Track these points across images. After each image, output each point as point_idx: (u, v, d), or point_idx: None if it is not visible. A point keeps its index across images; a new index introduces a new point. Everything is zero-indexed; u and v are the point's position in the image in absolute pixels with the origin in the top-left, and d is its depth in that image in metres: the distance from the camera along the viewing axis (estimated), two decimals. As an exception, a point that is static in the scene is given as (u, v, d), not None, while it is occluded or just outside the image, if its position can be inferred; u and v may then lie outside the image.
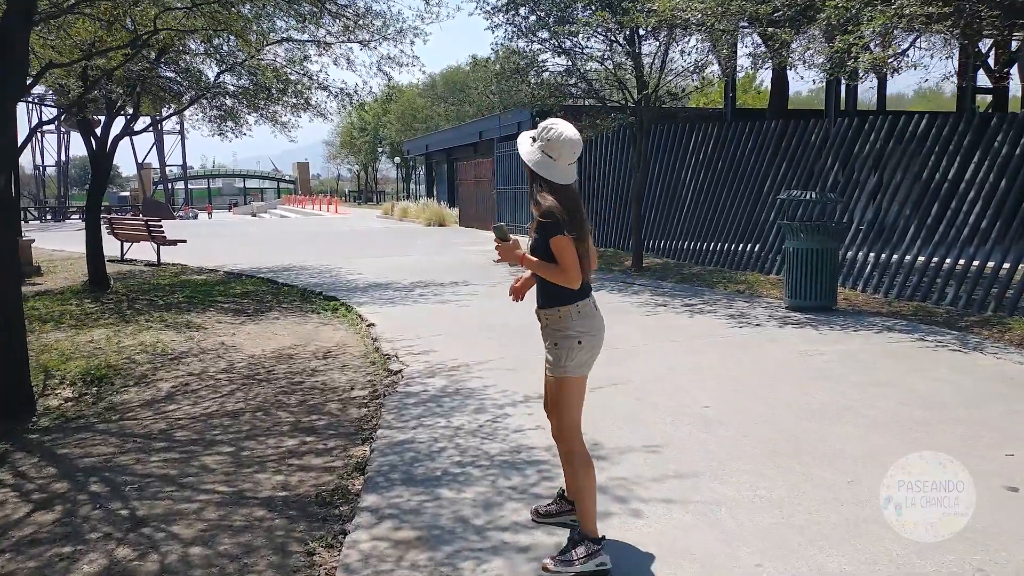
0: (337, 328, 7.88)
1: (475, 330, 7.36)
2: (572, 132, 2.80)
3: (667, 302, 8.85)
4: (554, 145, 2.78)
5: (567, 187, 2.81)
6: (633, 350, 6.37)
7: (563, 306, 2.84)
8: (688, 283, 10.59)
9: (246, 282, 11.52)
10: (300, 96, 11.29)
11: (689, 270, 11.88)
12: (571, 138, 2.78)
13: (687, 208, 13.26)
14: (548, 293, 2.87)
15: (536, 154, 2.80)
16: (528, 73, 12.13)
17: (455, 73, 56.10)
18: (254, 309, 9.03)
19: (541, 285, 2.92)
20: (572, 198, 2.81)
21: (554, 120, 2.84)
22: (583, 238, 2.77)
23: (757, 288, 9.85)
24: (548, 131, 2.79)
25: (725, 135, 12.67)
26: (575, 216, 2.76)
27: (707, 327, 7.31)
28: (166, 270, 13.19)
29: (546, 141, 2.79)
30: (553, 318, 2.87)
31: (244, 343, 7.11)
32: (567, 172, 2.81)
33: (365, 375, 5.90)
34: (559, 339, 2.86)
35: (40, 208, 49.46)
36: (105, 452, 4.30)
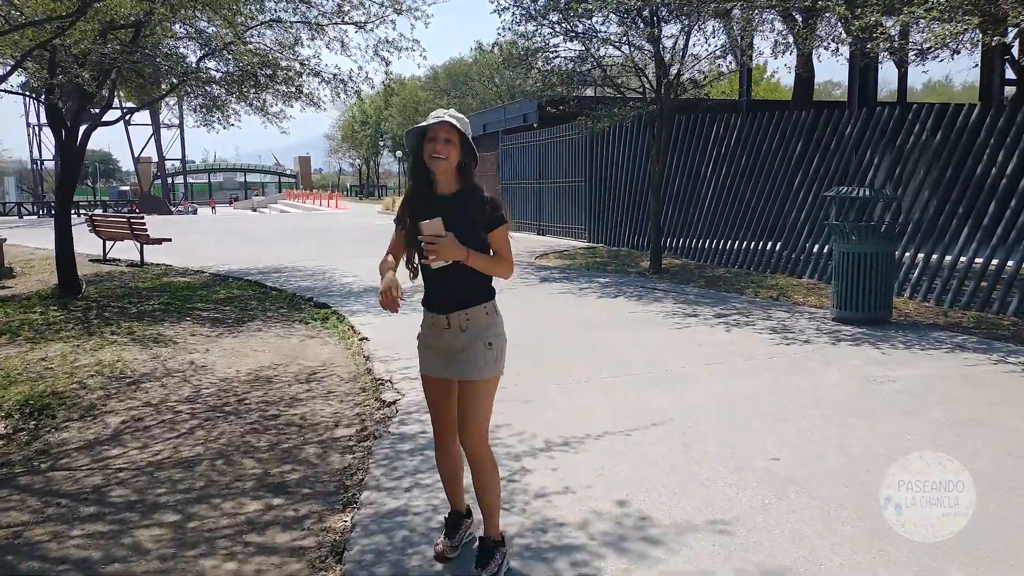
0: (326, 342, 6.97)
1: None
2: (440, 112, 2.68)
3: (696, 311, 7.92)
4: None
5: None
6: (669, 376, 5.45)
7: (489, 302, 2.71)
8: (714, 288, 9.66)
9: (232, 285, 10.60)
10: (290, 83, 10.35)
11: (712, 272, 10.95)
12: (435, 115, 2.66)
13: (707, 205, 12.33)
14: (477, 289, 2.68)
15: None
16: (537, 59, 11.18)
17: (458, 65, 55.10)
18: (235, 318, 8.12)
19: (463, 282, 2.65)
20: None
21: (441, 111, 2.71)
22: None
23: (791, 294, 8.92)
24: (445, 111, 2.67)
25: (749, 126, 11.71)
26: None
27: (749, 344, 6.38)
28: (148, 272, 12.29)
29: (465, 124, 2.67)
30: (478, 316, 2.68)
31: (217, 362, 6.19)
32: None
33: (353, 406, 4.98)
34: (492, 338, 2.69)
35: (38, 203, 48.49)
36: (18, 521, 3.39)
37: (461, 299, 2.66)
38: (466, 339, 2.65)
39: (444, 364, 2.71)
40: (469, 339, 2.65)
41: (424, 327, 2.80)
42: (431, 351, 2.76)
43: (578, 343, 6.49)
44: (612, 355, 6.02)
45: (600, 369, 5.58)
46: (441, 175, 2.64)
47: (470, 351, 2.64)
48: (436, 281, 2.68)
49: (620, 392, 5.00)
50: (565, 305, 8.47)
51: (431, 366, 2.77)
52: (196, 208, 56.00)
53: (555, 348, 6.31)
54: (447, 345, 2.69)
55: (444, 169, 2.61)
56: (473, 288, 2.67)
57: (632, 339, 6.62)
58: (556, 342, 6.51)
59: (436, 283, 2.69)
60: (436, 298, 2.71)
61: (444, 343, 2.70)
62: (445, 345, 2.70)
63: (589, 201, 15.84)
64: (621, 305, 8.44)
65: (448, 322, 2.67)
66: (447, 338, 2.68)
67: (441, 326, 2.69)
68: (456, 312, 2.66)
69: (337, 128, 73.65)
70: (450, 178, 2.65)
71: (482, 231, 2.61)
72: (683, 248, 12.64)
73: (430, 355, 2.77)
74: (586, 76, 11.48)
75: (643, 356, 5.99)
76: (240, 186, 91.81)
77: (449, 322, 2.67)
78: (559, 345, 6.43)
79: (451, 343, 2.67)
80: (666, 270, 11.20)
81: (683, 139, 12.75)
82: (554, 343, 6.46)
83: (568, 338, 6.71)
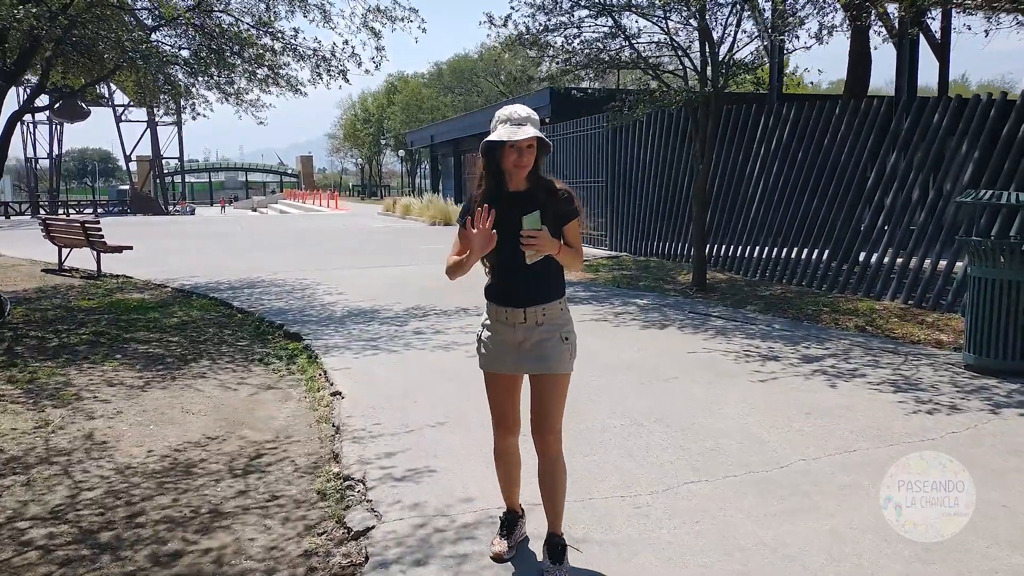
0: (287, 398, 5.18)
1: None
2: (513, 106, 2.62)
3: (774, 350, 6.11)
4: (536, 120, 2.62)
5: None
6: (789, 482, 3.61)
7: (563, 298, 2.72)
8: (777, 312, 7.84)
9: (193, 305, 8.82)
10: (260, 62, 8.55)
11: (767, 290, 9.13)
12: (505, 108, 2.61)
13: (754, 208, 10.52)
14: (556, 284, 2.70)
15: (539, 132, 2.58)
16: (558, 35, 9.38)
17: (463, 61, 53.31)
18: (179, 355, 6.33)
19: (544, 277, 2.66)
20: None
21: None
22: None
23: (881, 323, 7.10)
24: (518, 112, 2.58)
25: (807, 118, 9.90)
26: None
27: (872, 410, 4.57)
28: (102, 286, 10.51)
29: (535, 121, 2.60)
30: (554, 311, 2.68)
31: (126, 434, 4.40)
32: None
33: (302, 531, 3.19)
34: (567, 333, 2.70)
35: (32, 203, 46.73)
36: None
37: (542, 294, 2.66)
38: (542, 333, 2.66)
39: (516, 360, 2.70)
40: (546, 333, 2.66)
41: (494, 323, 2.73)
42: (503, 347, 2.71)
43: (632, 409, 4.66)
44: (687, 434, 4.19)
45: (679, 466, 3.74)
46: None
47: (548, 345, 2.66)
48: (520, 276, 2.64)
49: (732, 526, 3.17)
50: (601, 339, 6.65)
51: (502, 363, 2.73)
52: (194, 208, 54.25)
53: (600, 421, 4.50)
54: (521, 339, 2.68)
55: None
56: (553, 283, 2.69)
57: (706, 400, 4.79)
58: (598, 407, 4.69)
59: (519, 278, 2.65)
60: (518, 293, 2.66)
61: (518, 338, 2.68)
62: (519, 340, 2.68)
63: (611, 204, 14.02)
64: (674, 339, 6.62)
65: (525, 317, 2.65)
66: (522, 333, 2.67)
67: (516, 321, 2.67)
68: (534, 307, 2.65)
69: (339, 127, 71.95)
70: (523, 175, 2.63)
71: (560, 223, 2.62)
72: (726, 258, 10.83)
73: (501, 352, 2.72)
74: (617, 57, 9.66)
75: (732, 434, 4.18)
76: (242, 185, 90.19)
77: (526, 317, 2.65)
78: (605, 413, 4.61)
79: (526, 338, 2.67)
80: (711, 287, 9.39)
81: (724, 133, 10.95)
82: (596, 410, 4.64)
83: (615, 398, 4.89)
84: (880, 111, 9.07)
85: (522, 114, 2.55)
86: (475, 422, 4.33)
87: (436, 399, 4.90)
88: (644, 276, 10.62)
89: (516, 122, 2.53)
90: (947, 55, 15.53)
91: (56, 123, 53.52)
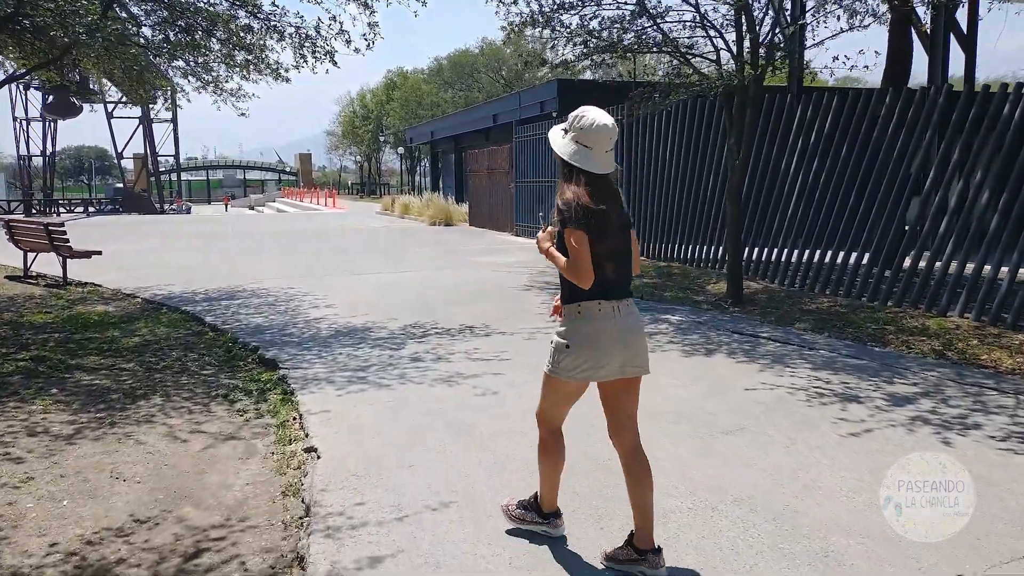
0: (249, 452, 4.09)
1: (527, 472, 3.54)
2: (606, 118, 2.65)
3: (850, 386, 5.01)
4: (588, 134, 2.64)
5: (602, 178, 2.67)
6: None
7: (568, 304, 2.73)
8: (832, 330, 6.75)
9: (161, 320, 7.74)
10: (238, 42, 7.46)
11: (813, 303, 8.05)
12: (605, 124, 2.64)
13: (791, 209, 9.44)
14: (567, 289, 2.74)
15: (571, 145, 2.67)
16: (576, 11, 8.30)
17: (463, 56, 52.18)
18: (128, 389, 5.25)
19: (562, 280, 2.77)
20: (604, 189, 2.66)
21: (585, 108, 2.68)
22: (601, 236, 2.61)
23: (963, 347, 6.01)
24: (580, 119, 2.65)
25: (850, 110, 8.83)
26: (590, 209, 2.59)
27: (1016, 484, 3.48)
28: (63, 296, 9.42)
29: (579, 130, 2.65)
30: (566, 317, 2.74)
31: (30, 514, 3.32)
32: (604, 161, 2.66)
33: None
34: (554, 337, 2.75)
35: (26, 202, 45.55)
36: None
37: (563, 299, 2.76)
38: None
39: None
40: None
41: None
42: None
43: (696, 481, 3.55)
44: (781, 526, 3.08)
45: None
46: None
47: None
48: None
49: None
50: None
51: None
52: (189, 207, 53.05)
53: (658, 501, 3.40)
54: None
55: None
56: (564, 289, 2.75)
57: (791, 467, 3.68)
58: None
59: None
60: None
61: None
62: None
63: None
64: (724, 370, 5.53)
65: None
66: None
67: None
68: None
69: (337, 124, 70.80)
70: None
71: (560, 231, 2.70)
72: (758, 264, 9.74)
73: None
74: (640, 39, 8.57)
75: (845, 526, 3.09)
76: (240, 183, 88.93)
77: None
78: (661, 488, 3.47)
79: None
80: (748, 298, 8.30)
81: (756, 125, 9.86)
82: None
83: (671, 463, 3.78)
84: (937, 101, 8.00)
85: (613, 144, 2.69)
86: (490, 501, 3.25)
87: (438, 462, 3.81)
88: (668, 285, 9.54)
89: (611, 149, 2.69)
90: (974, 47, 14.58)
91: (49, 120, 52.39)
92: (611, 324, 2.64)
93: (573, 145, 2.65)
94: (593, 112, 2.65)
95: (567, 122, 2.70)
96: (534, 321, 7.31)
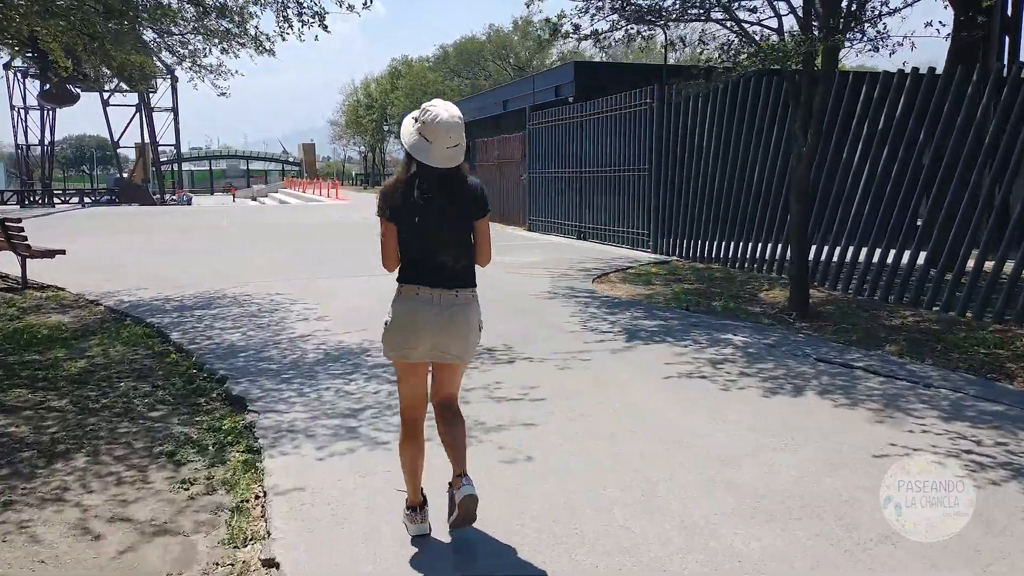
0: (185, 560, 2.83)
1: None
2: (449, 115, 2.66)
3: (1009, 450, 3.73)
4: (430, 128, 2.65)
5: (437, 170, 2.67)
6: None
7: (397, 283, 2.83)
8: (935, 356, 5.47)
9: (120, 335, 6.50)
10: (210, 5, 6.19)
11: (895, 317, 6.76)
12: (448, 120, 2.65)
13: (856, 205, 8.16)
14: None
15: (414, 136, 2.70)
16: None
17: (470, 43, 50.75)
18: (48, 443, 4.00)
19: None
20: (437, 181, 2.68)
21: (434, 101, 2.73)
22: (409, 225, 2.70)
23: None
24: (426, 113, 2.68)
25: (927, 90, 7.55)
26: (395, 200, 2.70)
27: None
28: (17, 302, 8.19)
29: (423, 123, 2.67)
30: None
31: None
32: (443, 155, 2.67)
33: None
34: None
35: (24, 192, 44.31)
36: None
37: None
38: None
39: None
40: None
41: None
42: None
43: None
44: None
45: None
46: None
47: None
48: None
49: None
50: (711, 420, 4.24)
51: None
52: (191, 198, 51.76)
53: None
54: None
55: None
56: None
57: None
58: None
59: None
60: None
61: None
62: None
63: (656, 197, 11.61)
64: (829, 422, 4.23)
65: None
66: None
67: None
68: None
69: (341, 113, 69.47)
70: None
71: None
72: (815, 265, 8.44)
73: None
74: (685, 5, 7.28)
75: None
76: (243, 174, 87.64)
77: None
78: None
79: None
80: (814, 310, 7.02)
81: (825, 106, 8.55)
82: None
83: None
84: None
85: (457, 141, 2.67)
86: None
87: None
88: (715, 292, 8.25)
89: (453, 146, 2.67)
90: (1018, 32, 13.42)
91: (47, 109, 51.21)
92: (425, 309, 2.72)
93: (416, 136, 2.68)
94: (440, 107, 2.68)
95: (419, 111, 2.72)
96: (566, 342, 6.04)
